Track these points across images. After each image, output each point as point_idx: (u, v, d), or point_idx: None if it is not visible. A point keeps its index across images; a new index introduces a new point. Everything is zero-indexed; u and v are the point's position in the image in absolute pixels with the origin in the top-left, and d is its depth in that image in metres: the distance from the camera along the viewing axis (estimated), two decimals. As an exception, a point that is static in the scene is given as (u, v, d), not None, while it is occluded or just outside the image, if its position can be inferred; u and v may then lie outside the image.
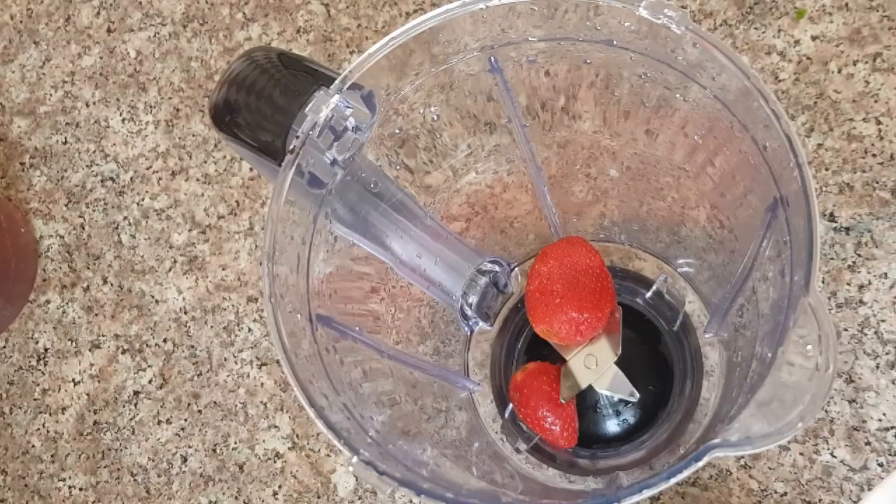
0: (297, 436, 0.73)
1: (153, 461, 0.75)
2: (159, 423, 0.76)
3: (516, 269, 0.65)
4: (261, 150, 0.54)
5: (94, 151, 0.83)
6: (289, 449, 0.72)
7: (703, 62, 0.48)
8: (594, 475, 0.60)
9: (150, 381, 0.77)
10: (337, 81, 0.49)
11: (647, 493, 0.41)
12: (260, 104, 0.54)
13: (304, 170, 0.49)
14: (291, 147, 0.49)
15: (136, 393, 0.77)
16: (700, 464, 0.40)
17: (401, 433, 0.55)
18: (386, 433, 0.52)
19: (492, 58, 0.52)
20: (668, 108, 0.54)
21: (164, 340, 0.77)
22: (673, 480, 0.41)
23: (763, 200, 0.48)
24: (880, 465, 0.62)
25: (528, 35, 0.51)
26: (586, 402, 0.64)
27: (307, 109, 0.49)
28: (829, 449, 0.63)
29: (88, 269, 0.80)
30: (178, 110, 0.81)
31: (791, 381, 0.41)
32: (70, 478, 0.76)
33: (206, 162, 0.80)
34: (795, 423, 0.40)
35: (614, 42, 0.49)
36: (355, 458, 0.44)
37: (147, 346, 0.77)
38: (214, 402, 0.75)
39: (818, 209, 0.66)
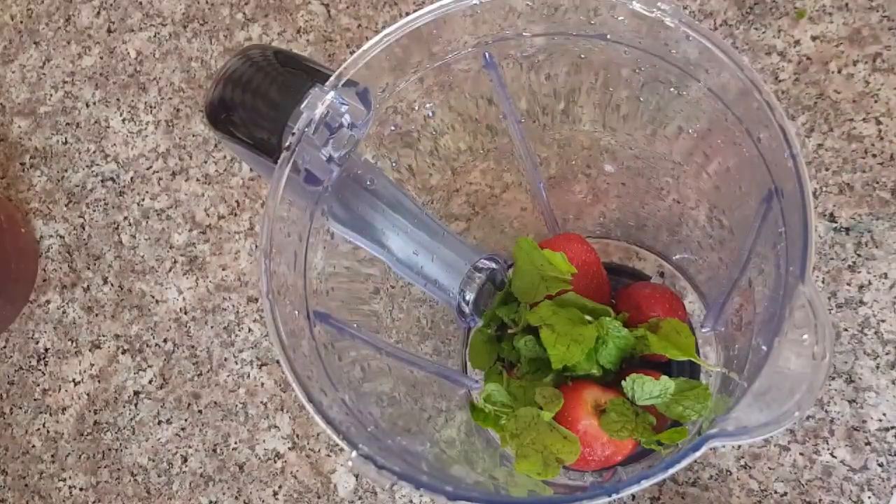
0: (298, 436, 0.72)
1: (153, 461, 0.75)
2: (159, 423, 0.75)
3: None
4: (257, 147, 0.54)
5: (94, 151, 0.83)
6: (289, 449, 0.72)
7: (699, 58, 0.48)
8: (593, 472, 0.60)
9: (150, 382, 0.77)
10: (332, 78, 0.49)
11: (646, 484, 0.41)
12: (255, 101, 0.54)
13: (300, 167, 0.49)
14: (287, 144, 0.48)
15: (136, 393, 0.77)
16: (698, 454, 0.40)
17: (401, 430, 0.55)
18: (386, 429, 0.52)
19: (486, 53, 0.52)
20: (667, 106, 0.54)
21: (165, 341, 0.77)
22: (671, 470, 0.41)
23: (758, 193, 0.48)
24: (880, 465, 0.62)
25: (523, 30, 0.51)
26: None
27: (302, 106, 0.49)
28: (829, 449, 0.63)
29: (89, 269, 0.80)
30: (178, 110, 0.82)
31: (788, 370, 0.41)
32: (70, 478, 0.76)
33: (206, 162, 0.80)
34: (793, 412, 0.40)
35: (608, 36, 0.49)
36: (354, 453, 0.44)
37: (147, 346, 0.77)
38: (215, 403, 0.75)
39: (818, 209, 0.66)
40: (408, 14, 0.77)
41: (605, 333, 0.56)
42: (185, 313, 0.77)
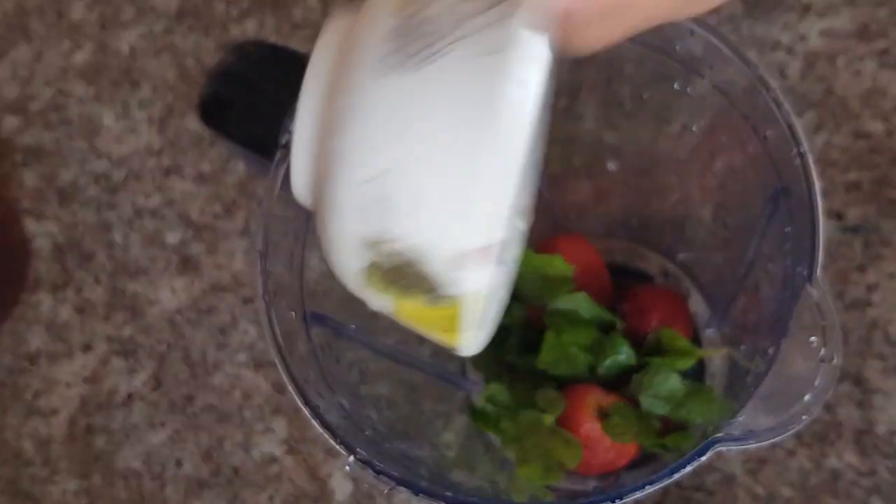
0: (294, 439, 0.72)
1: (146, 465, 0.74)
2: (153, 426, 0.75)
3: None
4: (252, 145, 0.54)
5: (86, 149, 0.82)
6: (285, 453, 0.72)
7: (704, 54, 0.48)
8: (595, 477, 0.60)
9: (143, 384, 0.76)
10: (330, 74, 0.48)
11: (650, 489, 0.41)
12: (250, 98, 0.53)
13: (297, 165, 0.49)
14: (284, 142, 0.48)
15: (129, 395, 0.76)
16: (703, 458, 0.41)
17: (400, 434, 0.55)
18: (384, 433, 0.52)
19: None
20: (671, 103, 0.54)
21: (158, 342, 0.76)
22: (676, 476, 0.41)
23: (764, 192, 0.48)
24: (889, 469, 0.62)
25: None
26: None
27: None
28: (836, 453, 0.63)
29: (81, 269, 0.79)
30: (171, 108, 0.81)
31: (795, 373, 0.41)
32: (62, 481, 0.75)
33: (200, 160, 0.79)
34: (800, 416, 0.40)
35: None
36: (352, 457, 0.44)
37: (140, 347, 0.77)
38: (209, 405, 0.74)
39: (825, 208, 0.65)
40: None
41: (611, 352, 0.56)
42: (179, 314, 0.77)
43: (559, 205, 0.65)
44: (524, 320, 0.59)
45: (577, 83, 0.56)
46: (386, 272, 0.34)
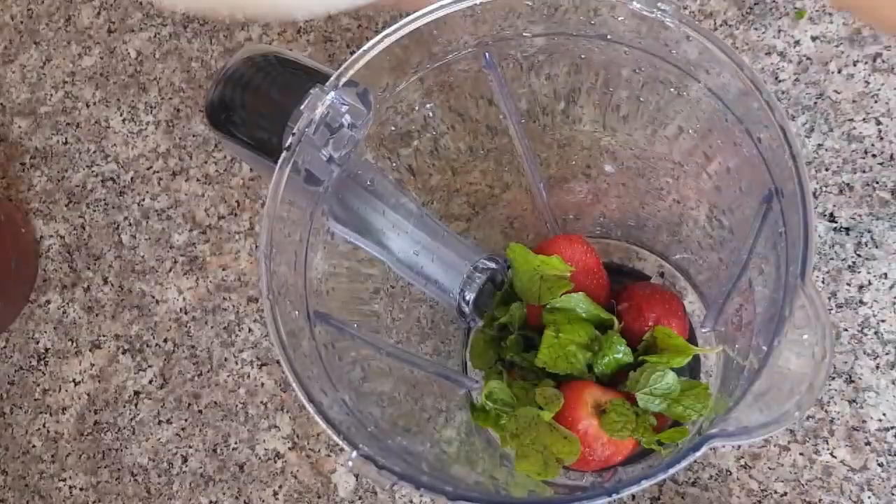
0: (298, 436, 0.72)
1: (154, 461, 0.75)
2: (160, 423, 0.75)
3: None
4: (257, 147, 0.54)
5: (94, 152, 0.83)
6: (289, 449, 0.72)
7: (700, 58, 0.48)
8: (593, 472, 0.60)
9: (150, 382, 0.77)
10: (332, 79, 0.49)
11: (647, 484, 0.41)
12: (256, 102, 0.54)
13: (300, 167, 0.49)
14: (287, 144, 0.49)
15: (136, 393, 0.77)
16: (698, 454, 0.40)
17: (401, 431, 0.55)
18: (386, 429, 0.52)
19: (486, 53, 0.52)
20: (667, 106, 0.54)
21: (165, 340, 0.77)
22: (671, 471, 0.41)
23: (758, 193, 0.48)
24: (880, 465, 0.62)
25: (523, 30, 0.51)
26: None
27: (303, 106, 0.49)
28: (829, 449, 0.63)
29: (89, 269, 0.80)
30: (178, 110, 0.82)
31: (788, 370, 0.41)
32: (70, 478, 0.76)
33: (206, 162, 0.80)
34: (793, 412, 0.40)
35: (608, 36, 0.49)
36: (355, 453, 0.44)
37: (147, 346, 0.77)
38: (215, 403, 0.75)
39: (818, 209, 0.66)
40: (408, 14, 0.77)
41: (608, 350, 0.56)
42: (186, 313, 0.77)
43: (558, 206, 0.65)
44: (524, 319, 0.60)
45: (575, 87, 0.57)
46: None
